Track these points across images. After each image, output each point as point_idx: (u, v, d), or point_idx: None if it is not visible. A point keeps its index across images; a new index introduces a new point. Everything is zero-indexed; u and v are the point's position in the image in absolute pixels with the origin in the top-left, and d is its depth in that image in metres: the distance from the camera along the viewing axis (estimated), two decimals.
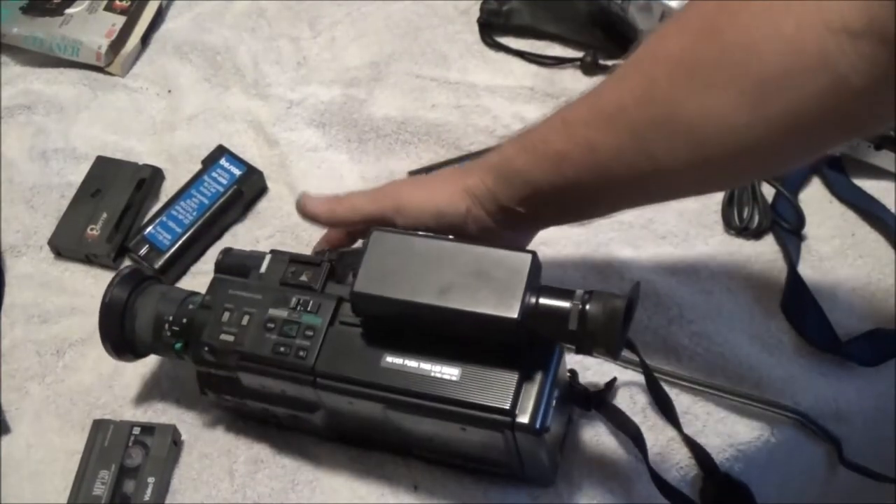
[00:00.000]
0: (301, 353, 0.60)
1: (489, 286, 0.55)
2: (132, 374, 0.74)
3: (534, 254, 0.56)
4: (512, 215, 0.61)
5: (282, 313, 0.62)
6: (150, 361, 0.74)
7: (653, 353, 0.71)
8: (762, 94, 0.47)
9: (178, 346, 0.66)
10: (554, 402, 0.57)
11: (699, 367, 0.71)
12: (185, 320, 0.65)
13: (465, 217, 0.61)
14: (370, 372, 0.59)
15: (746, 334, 0.73)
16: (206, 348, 0.63)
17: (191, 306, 0.66)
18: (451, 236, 0.59)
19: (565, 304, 0.56)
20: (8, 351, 0.76)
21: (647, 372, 0.66)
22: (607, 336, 0.55)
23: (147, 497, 0.66)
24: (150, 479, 0.67)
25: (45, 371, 0.75)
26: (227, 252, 0.69)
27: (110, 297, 0.67)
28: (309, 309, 0.61)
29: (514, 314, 0.54)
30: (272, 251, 0.65)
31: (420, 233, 0.59)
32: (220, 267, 0.67)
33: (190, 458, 0.69)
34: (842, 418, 0.70)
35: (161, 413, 0.72)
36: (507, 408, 0.55)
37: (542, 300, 0.56)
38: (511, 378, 0.56)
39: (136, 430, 0.69)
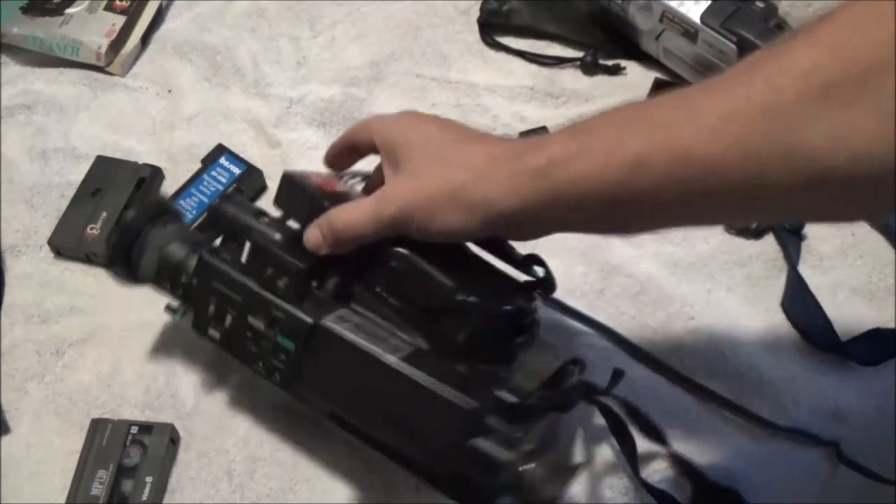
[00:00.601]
0: (275, 376, 0.60)
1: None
2: (131, 374, 0.74)
3: (466, 412, 0.52)
4: (534, 229, 0.55)
5: (259, 324, 0.60)
6: (147, 361, 0.74)
7: (653, 351, 0.71)
8: None
9: (178, 316, 0.68)
10: None
11: (699, 366, 0.71)
12: (180, 291, 0.65)
13: (476, 234, 0.54)
14: (335, 412, 0.60)
15: (747, 334, 0.73)
16: (199, 335, 0.63)
17: (184, 277, 0.65)
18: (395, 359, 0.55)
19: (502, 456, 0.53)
20: (8, 351, 0.76)
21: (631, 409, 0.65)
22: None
23: (145, 497, 0.66)
24: (148, 479, 0.67)
25: (44, 371, 0.75)
26: (224, 201, 0.66)
27: (128, 221, 0.67)
28: (283, 331, 0.59)
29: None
30: (252, 239, 0.62)
31: (368, 348, 0.55)
32: (211, 218, 0.66)
33: (188, 457, 0.69)
34: (842, 418, 0.69)
35: (159, 412, 0.71)
36: None
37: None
38: None
39: (134, 430, 0.69)
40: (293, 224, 0.62)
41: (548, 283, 0.60)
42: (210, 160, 0.85)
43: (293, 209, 0.62)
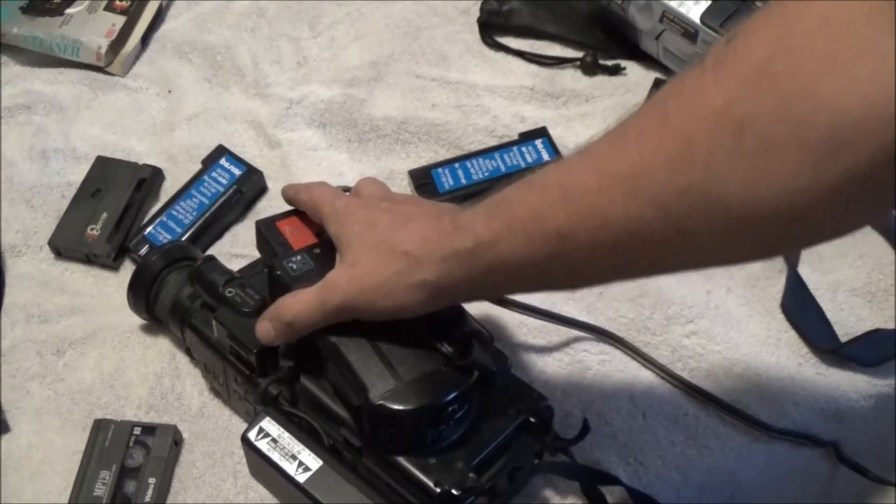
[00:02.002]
0: None
1: None
2: (133, 374, 0.74)
3: None
4: (480, 295, 0.57)
5: (240, 390, 0.65)
6: (151, 361, 0.74)
7: (652, 354, 0.71)
8: (828, 153, 0.39)
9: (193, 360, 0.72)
10: None
11: (699, 367, 0.71)
12: (187, 343, 0.70)
13: (423, 309, 0.55)
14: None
15: (746, 334, 0.73)
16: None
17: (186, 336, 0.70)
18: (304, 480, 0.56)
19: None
20: (8, 351, 0.76)
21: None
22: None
23: (148, 497, 0.66)
24: (151, 480, 0.67)
25: (45, 371, 0.75)
26: (207, 261, 0.69)
27: (146, 263, 0.72)
28: (250, 401, 0.64)
29: None
30: (215, 319, 0.64)
31: (285, 468, 0.56)
32: (192, 275, 0.69)
33: (192, 458, 0.69)
34: (842, 418, 0.70)
35: (162, 413, 0.71)
36: None
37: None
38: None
39: (137, 431, 0.69)
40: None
41: (489, 377, 0.58)
42: (210, 161, 0.85)
43: (264, 263, 0.67)
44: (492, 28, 0.95)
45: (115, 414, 0.72)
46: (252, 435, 0.58)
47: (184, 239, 0.80)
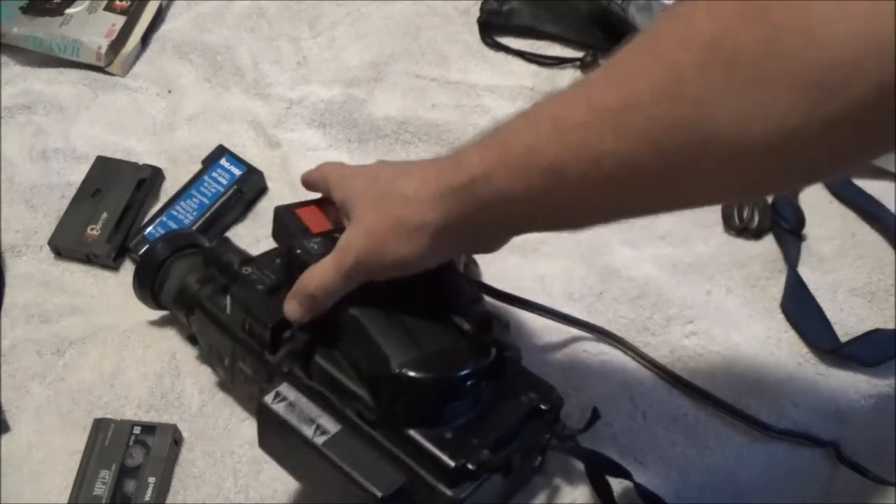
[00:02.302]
0: None
1: None
2: (133, 374, 0.74)
3: (374, 496, 0.53)
4: (483, 237, 0.56)
5: (247, 370, 0.65)
6: (150, 361, 0.74)
7: (652, 354, 0.71)
8: (822, 90, 0.38)
9: (198, 348, 0.72)
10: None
11: (699, 367, 0.71)
12: (192, 329, 0.70)
13: (428, 256, 0.55)
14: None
15: (746, 334, 0.73)
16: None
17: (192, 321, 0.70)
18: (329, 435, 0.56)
19: None
20: (8, 351, 0.76)
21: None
22: None
23: (148, 497, 0.66)
24: (151, 479, 0.67)
25: (45, 370, 0.75)
26: (223, 242, 0.70)
27: (150, 251, 0.73)
28: (258, 380, 0.64)
29: None
30: (231, 295, 0.65)
31: (303, 431, 0.56)
32: (207, 255, 0.69)
33: (192, 457, 0.69)
34: (842, 418, 0.70)
35: (162, 412, 0.71)
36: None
37: None
38: None
39: (137, 430, 0.69)
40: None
41: (503, 360, 0.59)
42: (210, 161, 0.85)
43: (282, 246, 0.66)
44: (492, 28, 0.95)
45: (115, 413, 0.72)
46: (269, 399, 0.57)
47: None
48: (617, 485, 0.63)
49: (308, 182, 0.68)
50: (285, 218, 0.65)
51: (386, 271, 0.56)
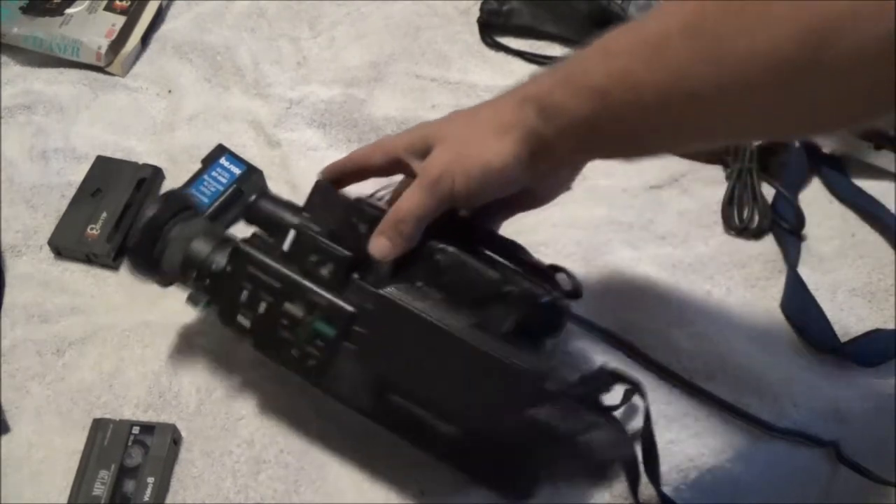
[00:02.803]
0: (310, 361, 0.60)
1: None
2: (132, 373, 0.74)
3: (525, 371, 0.56)
4: (557, 149, 0.57)
5: (297, 311, 0.61)
6: (149, 360, 0.74)
7: (652, 354, 0.71)
8: (821, 36, 0.42)
9: (205, 304, 0.67)
10: None
11: (699, 368, 0.71)
12: (208, 281, 0.65)
13: (516, 161, 0.57)
14: (370, 406, 0.60)
15: (746, 335, 0.73)
16: (224, 325, 0.64)
17: (213, 266, 0.65)
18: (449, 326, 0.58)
19: None
20: (8, 350, 0.76)
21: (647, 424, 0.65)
22: None
23: (147, 497, 0.66)
24: (150, 479, 0.67)
25: (45, 370, 0.75)
26: (261, 197, 0.66)
27: (150, 216, 0.66)
28: (323, 317, 0.60)
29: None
30: (297, 228, 0.62)
31: (429, 317, 0.58)
32: (249, 213, 0.66)
33: (191, 457, 0.69)
34: (842, 418, 0.70)
35: (161, 412, 0.71)
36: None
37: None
38: None
39: (136, 430, 0.69)
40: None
41: (575, 290, 0.63)
42: (210, 160, 0.85)
43: (326, 214, 0.63)
44: (492, 28, 0.95)
45: (114, 413, 0.72)
46: (391, 289, 0.58)
47: None
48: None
49: (343, 166, 0.65)
50: (331, 188, 0.64)
51: (471, 182, 0.57)
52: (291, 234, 0.62)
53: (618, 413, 0.65)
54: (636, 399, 0.65)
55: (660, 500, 0.63)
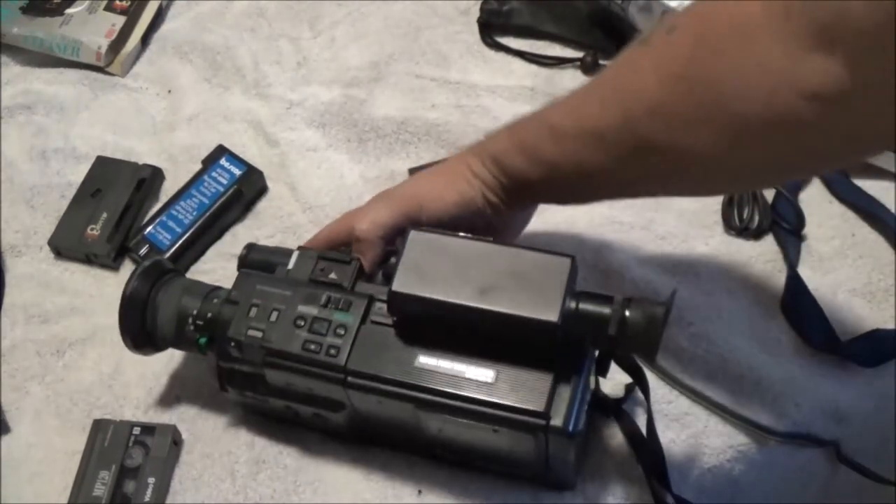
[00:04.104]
0: (332, 351, 0.60)
1: (528, 289, 0.55)
2: (132, 374, 0.74)
3: (572, 258, 0.56)
4: (516, 197, 0.64)
5: (312, 310, 0.61)
6: (150, 361, 0.74)
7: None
8: (739, 139, 0.50)
9: (202, 340, 0.65)
10: (585, 405, 0.57)
11: (699, 368, 0.71)
12: (209, 315, 0.65)
13: (483, 201, 0.64)
14: (403, 372, 0.58)
15: (746, 335, 0.73)
16: (233, 344, 0.62)
17: (215, 300, 0.65)
18: (490, 238, 0.59)
19: (605, 309, 0.56)
20: (8, 351, 0.76)
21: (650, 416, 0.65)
22: (646, 342, 0.55)
23: (147, 497, 0.66)
24: (151, 480, 0.67)
25: (45, 371, 0.75)
26: (251, 248, 0.68)
27: (132, 290, 0.66)
28: (340, 307, 0.61)
29: (555, 318, 0.54)
30: (299, 248, 0.65)
31: (459, 234, 0.59)
32: (243, 262, 0.67)
33: (191, 458, 0.69)
34: (842, 418, 0.70)
35: (161, 413, 0.72)
36: (542, 410, 0.55)
37: (582, 305, 0.56)
38: (545, 380, 0.56)
39: (137, 430, 0.69)
40: None
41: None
42: (210, 161, 0.85)
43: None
44: (492, 28, 0.95)
45: (114, 414, 0.72)
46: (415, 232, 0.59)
47: (184, 239, 0.80)
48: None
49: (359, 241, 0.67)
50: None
51: (446, 207, 0.64)
52: (295, 254, 0.65)
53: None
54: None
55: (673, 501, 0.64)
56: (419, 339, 0.59)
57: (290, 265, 0.64)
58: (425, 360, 0.58)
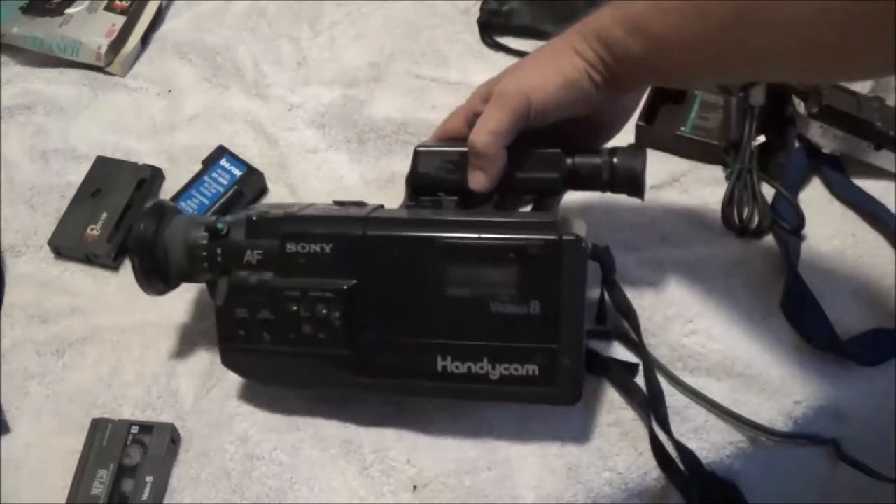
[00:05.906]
0: (353, 211, 0.65)
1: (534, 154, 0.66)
2: (131, 374, 0.74)
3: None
4: (621, 76, 0.63)
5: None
6: (148, 360, 0.74)
7: (653, 354, 0.71)
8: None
9: (220, 226, 0.65)
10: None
11: (699, 367, 0.71)
12: (219, 250, 0.66)
13: (589, 82, 0.63)
14: (423, 221, 0.64)
15: (746, 334, 0.73)
16: (254, 218, 0.64)
17: (223, 237, 0.66)
18: None
19: (596, 160, 0.66)
20: (8, 351, 0.76)
21: (648, 364, 0.68)
22: (634, 179, 0.66)
23: (145, 496, 0.66)
24: (149, 479, 0.67)
25: (44, 371, 0.75)
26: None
27: (141, 230, 0.67)
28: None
29: (556, 174, 0.66)
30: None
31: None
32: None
33: (188, 457, 0.69)
34: (842, 418, 0.69)
35: (159, 412, 0.71)
36: (552, 220, 0.62)
37: (578, 159, 0.66)
38: (550, 216, 0.64)
39: (135, 429, 0.69)
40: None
41: None
42: (211, 161, 0.85)
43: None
44: (492, 28, 0.95)
45: (113, 413, 0.72)
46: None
47: None
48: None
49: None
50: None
51: (548, 96, 0.62)
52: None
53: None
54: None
55: (674, 448, 0.66)
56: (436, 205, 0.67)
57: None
58: (442, 216, 0.64)
